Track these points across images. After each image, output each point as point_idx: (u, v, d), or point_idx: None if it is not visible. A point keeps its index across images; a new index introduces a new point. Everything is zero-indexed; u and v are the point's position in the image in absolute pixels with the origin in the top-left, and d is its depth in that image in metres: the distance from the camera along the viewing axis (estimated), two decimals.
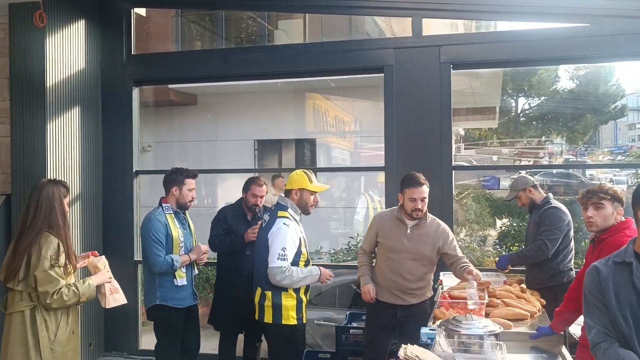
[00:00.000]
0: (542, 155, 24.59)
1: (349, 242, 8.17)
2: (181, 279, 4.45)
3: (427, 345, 2.96)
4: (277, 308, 4.02)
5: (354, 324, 5.20)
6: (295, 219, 4.14)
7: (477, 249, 9.03)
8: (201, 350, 5.08)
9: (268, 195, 8.45)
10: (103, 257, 3.96)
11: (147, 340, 6.30)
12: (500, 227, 11.51)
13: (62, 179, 4.38)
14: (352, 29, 9.48)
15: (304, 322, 4.17)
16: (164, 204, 4.54)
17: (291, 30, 10.28)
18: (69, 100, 5.66)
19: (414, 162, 5.27)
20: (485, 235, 11.63)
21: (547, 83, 24.03)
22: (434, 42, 5.34)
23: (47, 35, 5.37)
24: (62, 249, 3.57)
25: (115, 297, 3.90)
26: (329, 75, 6.62)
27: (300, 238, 4.10)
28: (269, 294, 4.03)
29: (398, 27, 6.86)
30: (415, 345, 2.67)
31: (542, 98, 25.12)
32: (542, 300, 4.16)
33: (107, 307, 3.89)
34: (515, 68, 13.32)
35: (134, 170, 6.06)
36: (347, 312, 5.53)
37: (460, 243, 10.08)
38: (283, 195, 4.25)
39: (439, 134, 5.28)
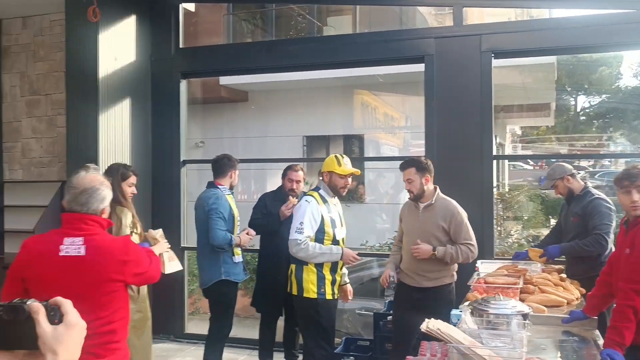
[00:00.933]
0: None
1: (395, 236, 8.17)
2: (238, 255, 4.81)
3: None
4: (299, 281, 4.25)
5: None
6: (325, 200, 4.31)
7: (525, 245, 8.86)
8: (242, 335, 5.24)
9: None
10: (160, 229, 4.29)
11: (193, 327, 6.51)
12: (553, 226, 11.23)
13: None
14: (401, 25, 9.48)
15: (328, 298, 4.27)
16: (220, 186, 4.80)
17: (341, 27, 10.36)
18: (120, 92, 5.91)
19: (454, 152, 5.27)
20: (538, 234, 11.40)
21: (609, 80, 23.17)
22: (475, 31, 5.31)
23: (100, 29, 5.63)
24: (135, 219, 4.04)
25: (173, 264, 4.26)
26: (371, 66, 6.66)
27: (323, 217, 4.24)
28: (293, 267, 4.30)
29: (448, 21, 6.83)
30: (438, 320, 2.69)
31: (603, 96, 24.23)
32: (581, 289, 4.06)
33: (166, 272, 4.21)
34: (562, 56, 12.91)
35: (181, 160, 6.27)
36: (386, 301, 5.55)
37: (509, 239, 9.95)
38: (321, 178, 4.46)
39: (480, 123, 5.24)
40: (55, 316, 1.12)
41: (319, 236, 4.23)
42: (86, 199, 2.63)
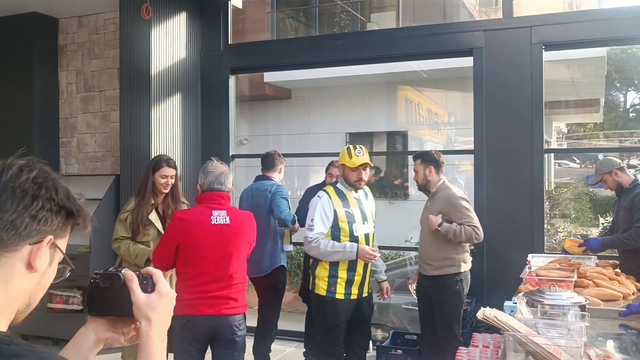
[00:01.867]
0: None
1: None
2: (286, 244, 5.05)
3: None
4: (314, 276, 4.11)
5: None
6: (342, 194, 4.09)
7: None
8: (289, 328, 5.33)
9: None
10: None
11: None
12: (602, 224, 11.01)
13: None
14: (446, 20, 9.41)
15: (338, 297, 4.02)
16: (272, 179, 4.99)
17: (384, 23, 10.34)
18: (171, 88, 6.04)
19: (504, 146, 5.22)
20: (587, 233, 11.17)
21: None
22: (525, 23, 5.23)
23: (152, 27, 5.77)
24: (134, 210, 4.12)
25: None
26: (419, 59, 6.65)
27: (336, 211, 4.00)
28: (311, 261, 4.23)
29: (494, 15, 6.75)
30: (494, 309, 2.68)
31: None
32: (637, 284, 3.98)
33: None
34: (612, 50, 12.57)
35: (230, 154, 6.37)
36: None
37: (557, 236, 9.78)
38: None
39: (530, 116, 5.16)
40: (148, 285, 1.17)
41: (335, 232, 3.98)
42: (224, 179, 3.41)
